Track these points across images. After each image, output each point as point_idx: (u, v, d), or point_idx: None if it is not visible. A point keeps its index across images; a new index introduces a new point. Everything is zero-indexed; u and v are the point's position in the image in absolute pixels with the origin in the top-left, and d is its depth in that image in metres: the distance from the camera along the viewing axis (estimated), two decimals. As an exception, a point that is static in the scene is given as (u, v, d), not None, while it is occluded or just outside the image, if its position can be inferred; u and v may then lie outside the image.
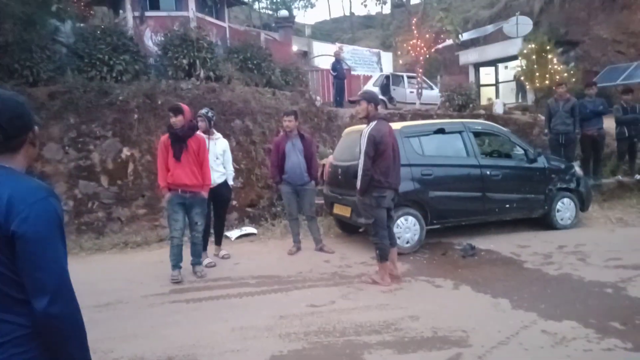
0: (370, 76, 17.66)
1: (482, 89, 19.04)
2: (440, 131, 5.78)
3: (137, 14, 9.77)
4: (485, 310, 3.81)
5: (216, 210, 5.53)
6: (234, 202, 7.70)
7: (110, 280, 4.84)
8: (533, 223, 6.37)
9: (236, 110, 8.17)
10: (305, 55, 17.60)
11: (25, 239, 1.20)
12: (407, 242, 5.43)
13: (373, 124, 4.33)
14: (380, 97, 14.64)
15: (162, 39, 8.53)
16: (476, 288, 4.28)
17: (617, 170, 8.51)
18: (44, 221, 1.24)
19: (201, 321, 3.79)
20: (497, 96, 17.70)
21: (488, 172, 5.81)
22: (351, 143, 5.97)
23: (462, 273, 4.73)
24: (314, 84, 14.31)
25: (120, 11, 10.27)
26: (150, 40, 9.14)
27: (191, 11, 10.01)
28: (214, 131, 5.41)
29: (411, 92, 14.79)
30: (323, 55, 16.83)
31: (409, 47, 12.05)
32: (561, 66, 13.24)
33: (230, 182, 5.54)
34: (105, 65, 7.52)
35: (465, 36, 20.29)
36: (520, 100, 16.77)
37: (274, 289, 4.46)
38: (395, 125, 5.85)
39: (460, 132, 5.87)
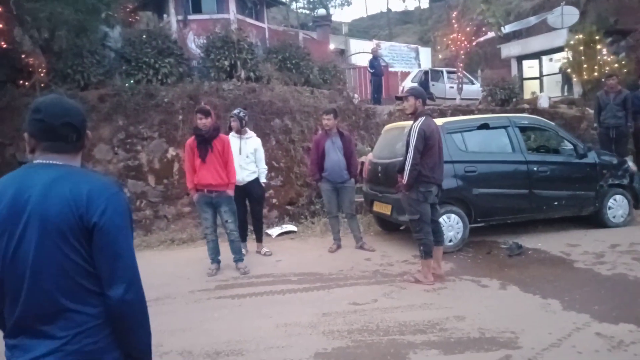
0: (409, 72, 17.44)
1: (525, 83, 18.39)
2: (484, 126, 5.63)
3: (180, 17, 10.07)
4: (535, 311, 3.69)
5: (252, 207, 5.65)
6: (274, 200, 7.81)
7: (159, 276, 5.01)
8: (583, 221, 6.11)
9: (275, 110, 8.27)
10: (342, 53, 17.57)
11: (105, 230, 1.29)
12: (450, 241, 5.32)
13: (422, 119, 4.32)
14: None
15: (205, 41, 8.75)
16: (524, 288, 4.15)
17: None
18: (120, 213, 1.34)
19: (246, 317, 3.87)
20: (541, 90, 17.03)
21: (535, 168, 5.62)
22: (392, 140, 5.93)
23: (508, 273, 4.60)
24: (351, 82, 14.27)
25: (164, 15, 10.60)
26: (193, 43, 9.38)
27: (232, 13, 10.22)
28: (247, 130, 5.52)
29: (451, 87, 14.46)
30: (360, 52, 16.76)
31: (449, 42, 11.78)
32: (611, 57, 12.59)
33: (263, 180, 5.62)
34: (151, 68, 7.78)
35: (507, 28, 19.65)
36: (566, 94, 16.07)
37: (316, 287, 4.49)
38: (438, 121, 5.76)
39: (505, 127, 5.70)
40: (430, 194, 4.34)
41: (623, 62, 12.76)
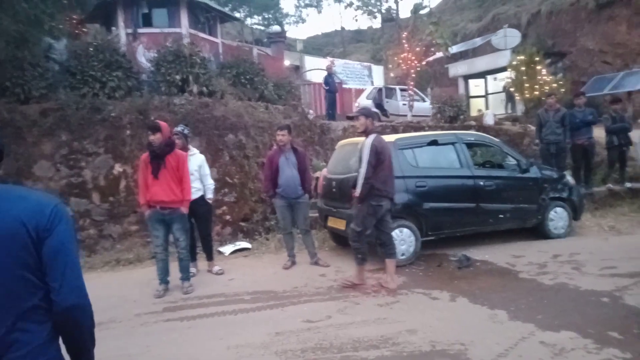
0: (362, 89, 17.82)
1: (472, 101, 19.26)
2: (434, 143, 5.82)
3: (130, 30, 9.81)
4: (483, 322, 3.79)
5: (198, 226, 5.52)
6: (227, 217, 7.67)
7: (103, 299, 4.74)
8: (527, 233, 6.39)
9: (229, 125, 8.17)
10: (297, 69, 17.72)
11: (59, 237, 1.32)
12: (403, 254, 5.41)
13: (373, 136, 4.55)
14: (374, 109, 14.73)
15: (155, 55, 8.56)
16: (473, 300, 4.26)
17: (607, 178, 8.59)
18: (68, 221, 1.38)
19: (196, 340, 3.74)
20: (486, 107, 17.89)
21: (481, 183, 5.84)
22: (345, 155, 5.99)
23: (458, 284, 4.71)
24: (306, 98, 14.39)
25: (113, 28, 10.29)
26: (143, 57, 9.16)
27: (184, 27, 10.06)
28: (190, 147, 5.43)
29: (404, 104, 14.89)
30: (315, 69, 16.96)
31: (400, 60, 12.17)
32: (550, 77, 13.43)
33: (209, 196, 5.52)
34: (97, 82, 7.50)
35: (454, 49, 20.59)
36: (509, 111, 16.96)
37: (270, 305, 4.41)
38: (389, 138, 5.90)
39: (453, 144, 5.91)
40: (380, 208, 4.52)
41: (560, 82, 13.63)
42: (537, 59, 13.35)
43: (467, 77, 19.94)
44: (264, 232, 7.32)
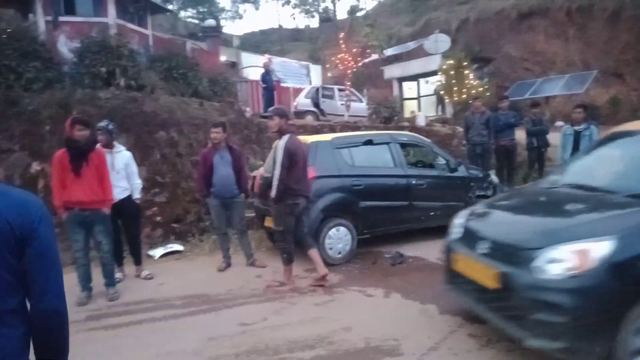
0: (301, 88, 17.81)
1: (406, 102, 19.95)
2: (369, 142, 5.92)
3: (49, 18, 9.08)
4: (415, 316, 3.90)
5: (126, 228, 5.24)
6: (158, 218, 7.33)
7: (16, 309, 4.36)
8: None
9: (160, 121, 7.82)
10: (234, 65, 17.37)
11: (44, 238, 1.29)
12: (339, 253, 5.45)
13: (287, 137, 4.58)
14: (312, 109, 14.76)
15: (79, 45, 8.00)
16: (405, 295, 4.37)
17: (528, 177, 9.21)
18: (51, 224, 1.34)
19: (123, 349, 3.52)
20: (419, 109, 18.60)
21: (414, 182, 6.02)
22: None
23: (392, 281, 4.82)
24: (243, 95, 14.14)
25: (30, 15, 9.49)
26: (65, 47, 8.52)
27: (111, 17, 9.49)
28: (116, 144, 5.12)
29: (342, 104, 15.05)
30: (252, 66, 16.71)
31: (337, 61, 12.31)
32: (476, 81, 14.19)
33: (137, 196, 5.24)
34: (12, 72, 6.89)
35: (389, 52, 21.17)
36: (440, 113, 17.74)
37: (202, 309, 4.26)
38: (326, 137, 5.93)
39: (387, 144, 6.05)
40: (297, 206, 4.64)
41: (486, 87, 14.45)
42: (465, 63, 14.05)
43: (401, 80, 20.60)
44: (198, 234, 7.07)
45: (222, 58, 16.56)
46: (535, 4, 20.68)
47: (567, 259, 2.63)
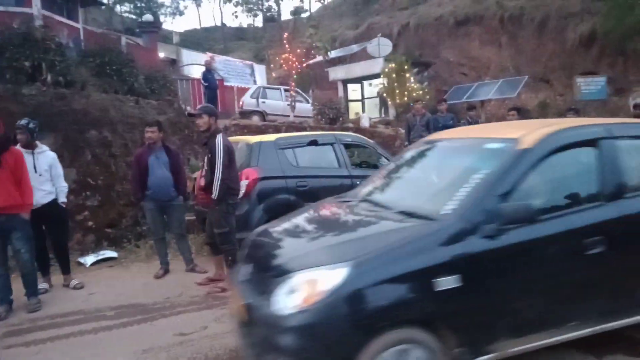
0: (246, 88, 17.49)
1: (351, 104, 20.16)
2: (314, 143, 5.85)
3: (-38, 5, 8.29)
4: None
5: (52, 234, 4.84)
6: (90, 223, 6.86)
7: None
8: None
9: (92, 120, 7.35)
10: (174, 63, 16.76)
11: None
12: (283, 256, 5.33)
13: (220, 136, 4.47)
14: (258, 109, 14.42)
15: (-1, 36, 7.34)
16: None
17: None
18: None
19: (44, 367, 3.20)
20: (363, 111, 18.87)
21: (359, 182, 6.01)
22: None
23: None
24: (184, 93, 13.70)
25: (-60, 1, 8.62)
26: (-19, 38, 7.78)
27: (35, 8, 8.82)
28: (38, 144, 4.72)
29: (289, 104, 14.88)
30: (193, 64, 16.20)
31: (282, 61, 12.19)
32: (417, 84, 14.60)
33: (62, 200, 4.85)
34: None
35: (333, 54, 21.31)
36: (383, 115, 18.10)
37: (137, 320, 3.99)
38: (269, 137, 5.79)
39: (332, 144, 6.01)
40: (237, 205, 4.64)
41: (426, 90, 14.90)
42: (406, 67, 14.41)
43: (345, 82, 20.80)
44: (134, 239, 6.69)
45: (161, 55, 15.96)
46: (470, 12, 21.64)
47: (300, 290, 2.20)
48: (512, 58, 21.40)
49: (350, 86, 20.81)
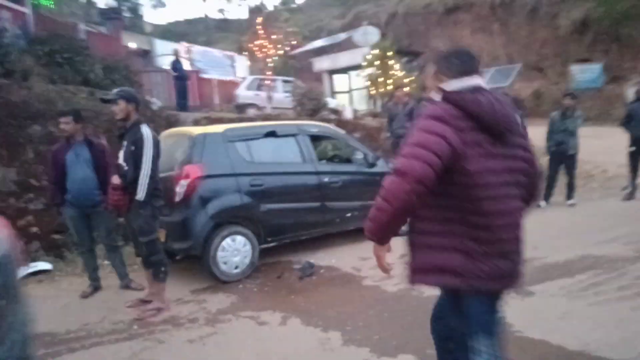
0: (227, 80, 16.63)
1: (337, 96, 19.32)
2: (271, 134, 5.05)
3: None
4: (312, 350, 3.11)
5: None
6: (35, 229, 6.06)
7: None
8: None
9: (34, 113, 6.54)
10: (147, 54, 15.86)
11: None
12: (236, 267, 4.55)
13: (145, 126, 3.75)
14: (254, 102, 13.40)
15: None
16: (307, 320, 3.57)
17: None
18: None
19: None
20: (350, 102, 18.05)
21: (326, 179, 5.25)
22: (172, 148, 4.90)
23: (295, 300, 4.02)
24: (158, 86, 12.89)
25: None
26: None
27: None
28: None
29: (287, 96, 13.80)
30: (167, 54, 15.31)
31: (256, 48, 11.35)
32: (402, 72, 13.79)
33: None
34: None
35: (319, 43, 20.47)
36: (372, 107, 17.31)
37: (38, 355, 3.20)
38: (217, 128, 5.00)
39: (294, 136, 5.23)
40: (162, 208, 3.89)
41: (412, 78, 14.11)
42: (389, 53, 13.59)
43: (331, 72, 19.97)
44: (76, 248, 5.88)
45: (133, 45, 15.07)
46: (460, -1, 20.91)
47: None
48: (504, 46, 20.66)
49: (336, 77, 19.97)
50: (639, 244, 4.91)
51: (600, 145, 9.09)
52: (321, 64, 19.77)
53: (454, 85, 1.75)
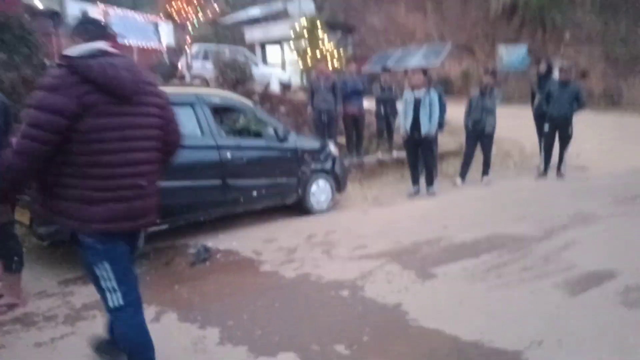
0: (149, 48, 15.34)
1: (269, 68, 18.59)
2: (163, 104, 4.46)
3: None
4: (183, 351, 2.69)
5: None
6: None
7: None
8: (289, 210, 5.65)
9: None
10: (55, 16, 14.21)
11: None
12: (119, 253, 4.00)
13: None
14: (201, 73, 12.15)
15: None
16: (185, 315, 3.14)
17: (378, 147, 8.62)
18: None
19: None
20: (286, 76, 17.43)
21: (229, 155, 4.76)
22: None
23: (178, 291, 3.56)
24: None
25: None
26: None
27: None
28: None
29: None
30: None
31: (173, 10, 10.43)
32: (332, 46, 13.36)
33: None
34: None
35: (253, 13, 19.50)
36: (300, 81, 16.82)
37: None
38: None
39: (191, 105, 4.67)
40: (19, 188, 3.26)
41: (342, 51, 13.72)
42: (319, 24, 13.08)
43: (263, 44, 19.17)
44: None
45: (39, 6, 13.43)
46: (396, -25, 20.71)
47: None
48: (437, 25, 20.81)
49: (269, 48, 19.21)
50: (545, 223, 4.91)
51: (522, 125, 9.25)
52: (252, 34, 18.91)
53: (77, 49, 1.87)
